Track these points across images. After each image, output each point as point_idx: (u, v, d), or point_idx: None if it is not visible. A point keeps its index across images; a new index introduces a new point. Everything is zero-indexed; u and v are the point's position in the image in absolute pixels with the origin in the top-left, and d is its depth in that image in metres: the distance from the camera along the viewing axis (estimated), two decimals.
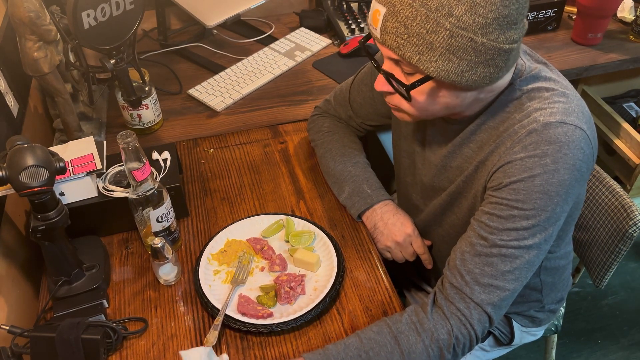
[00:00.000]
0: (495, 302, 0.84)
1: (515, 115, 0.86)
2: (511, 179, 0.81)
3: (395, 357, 0.83)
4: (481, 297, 0.83)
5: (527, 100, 0.85)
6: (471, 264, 0.84)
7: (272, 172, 1.27)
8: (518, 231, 0.82)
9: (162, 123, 1.43)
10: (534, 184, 0.80)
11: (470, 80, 0.78)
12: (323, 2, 1.80)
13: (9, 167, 0.83)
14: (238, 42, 1.73)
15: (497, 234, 0.83)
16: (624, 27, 1.74)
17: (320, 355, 0.84)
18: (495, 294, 0.83)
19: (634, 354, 1.84)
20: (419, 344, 0.83)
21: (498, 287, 0.83)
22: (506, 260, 0.83)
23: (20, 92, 1.25)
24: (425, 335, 0.84)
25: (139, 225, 1.04)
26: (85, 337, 0.87)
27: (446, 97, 0.82)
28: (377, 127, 1.23)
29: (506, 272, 0.83)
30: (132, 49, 1.23)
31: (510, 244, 0.82)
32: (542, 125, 0.80)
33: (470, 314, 0.84)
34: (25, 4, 1.07)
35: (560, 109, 0.82)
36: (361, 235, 1.12)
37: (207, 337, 0.91)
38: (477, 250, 0.84)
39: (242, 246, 1.08)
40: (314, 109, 1.30)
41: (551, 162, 0.79)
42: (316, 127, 1.25)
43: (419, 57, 0.76)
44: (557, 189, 0.80)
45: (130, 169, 0.94)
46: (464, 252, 0.86)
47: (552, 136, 0.80)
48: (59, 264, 0.96)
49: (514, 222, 0.82)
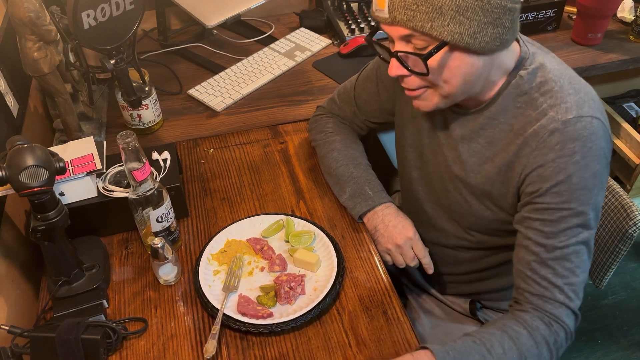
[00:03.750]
0: (573, 297, 0.87)
1: (529, 112, 0.88)
2: (550, 183, 0.84)
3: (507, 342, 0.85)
4: (561, 298, 0.87)
5: (539, 95, 0.88)
6: (542, 272, 0.87)
7: (272, 172, 1.27)
8: (572, 229, 0.85)
9: (162, 123, 1.43)
10: (572, 182, 0.83)
11: (482, 41, 0.80)
12: (323, 2, 1.80)
13: (9, 167, 0.83)
14: (238, 42, 1.73)
15: (554, 237, 0.86)
16: (624, 27, 1.74)
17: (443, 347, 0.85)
18: (571, 291, 0.87)
19: (634, 353, 1.83)
20: (524, 332, 0.86)
21: (571, 283, 0.87)
22: (570, 257, 0.86)
23: (20, 92, 1.25)
24: (528, 325, 0.87)
25: (139, 225, 1.04)
26: (85, 337, 0.87)
27: (463, 65, 0.83)
28: (380, 124, 1.23)
29: (574, 267, 0.86)
30: (132, 49, 1.23)
31: (569, 243, 0.85)
32: (562, 124, 0.83)
33: (559, 313, 0.87)
34: (25, 4, 1.07)
35: (573, 102, 0.85)
36: (361, 236, 1.12)
37: (206, 347, 0.91)
38: (541, 257, 0.87)
39: (242, 246, 1.08)
40: (317, 108, 1.30)
41: (581, 158, 0.83)
42: (319, 127, 1.25)
43: (431, 24, 0.78)
44: (593, 180, 0.84)
45: (130, 169, 0.94)
46: (530, 262, 0.88)
47: (574, 133, 0.83)
48: (59, 264, 0.96)
49: (566, 222, 0.85)
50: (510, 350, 0.85)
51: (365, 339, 0.94)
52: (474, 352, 0.85)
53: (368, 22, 1.73)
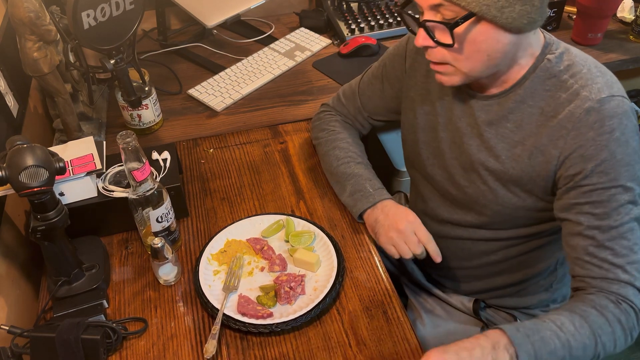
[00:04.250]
0: (637, 275, 0.86)
1: (559, 94, 0.89)
2: (594, 162, 0.84)
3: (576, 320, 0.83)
4: (626, 277, 0.85)
5: (568, 77, 0.89)
6: (601, 254, 0.86)
7: (272, 172, 1.27)
8: (624, 206, 0.85)
9: (162, 123, 1.43)
10: (616, 159, 0.84)
11: (509, 17, 0.81)
12: (323, 2, 1.80)
13: (9, 167, 0.83)
14: (238, 42, 1.73)
15: (607, 217, 0.85)
16: (624, 27, 1.74)
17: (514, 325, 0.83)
18: (634, 269, 0.86)
19: (634, 353, 1.83)
20: (593, 311, 0.84)
21: (633, 261, 0.85)
22: (627, 235, 0.85)
23: (20, 92, 1.24)
24: (596, 305, 0.85)
25: (139, 225, 1.04)
26: (85, 337, 0.87)
27: (488, 40, 0.84)
28: (384, 122, 1.23)
29: (632, 245, 0.86)
30: (132, 49, 1.23)
31: (624, 220, 0.85)
32: (597, 102, 0.84)
33: (626, 292, 0.85)
34: (25, 4, 1.07)
35: (603, 83, 0.86)
36: (361, 236, 1.12)
37: (206, 347, 0.91)
38: (598, 240, 0.86)
39: (242, 246, 1.08)
40: (321, 105, 1.29)
41: (620, 134, 0.84)
42: (321, 124, 1.25)
43: None
44: (634, 156, 0.85)
45: (130, 169, 0.94)
46: (587, 247, 0.87)
47: (610, 110, 0.84)
48: (59, 264, 0.96)
49: (616, 201, 0.85)
50: (582, 327, 0.83)
51: (365, 339, 0.94)
52: (544, 329, 0.83)
53: (368, 22, 1.73)
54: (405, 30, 1.71)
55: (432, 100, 1.06)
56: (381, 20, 1.73)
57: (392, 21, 1.72)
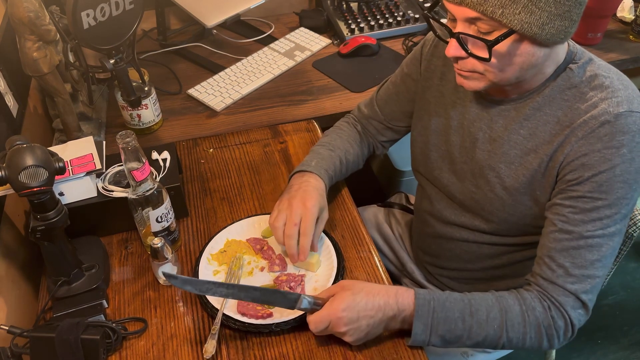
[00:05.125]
0: (588, 290, 0.87)
1: (578, 106, 0.88)
2: (592, 172, 0.84)
3: (494, 311, 0.87)
4: (574, 287, 0.86)
5: (589, 89, 0.88)
6: (560, 259, 0.87)
7: (271, 172, 1.27)
8: (602, 220, 0.85)
9: (161, 123, 1.43)
10: (615, 174, 0.83)
11: (549, 33, 0.80)
12: (323, 2, 1.80)
13: (9, 167, 0.83)
14: (238, 42, 1.73)
15: (582, 225, 0.85)
16: (624, 27, 1.74)
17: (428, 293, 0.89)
18: (587, 283, 0.86)
19: (634, 353, 1.84)
20: (517, 307, 0.87)
21: (589, 275, 0.86)
22: (593, 249, 0.86)
23: (19, 92, 1.24)
24: (524, 303, 0.88)
25: (139, 225, 1.04)
26: (84, 338, 0.87)
27: (524, 55, 0.83)
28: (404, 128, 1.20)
29: (595, 260, 0.86)
30: (132, 49, 1.23)
31: (596, 234, 0.85)
32: (613, 117, 0.83)
33: (565, 301, 0.87)
34: (25, 4, 1.07)
35: (624, 97, 0.85)
36: (361, 236, 1.12)
37: (206, 347, 0.91)
38: (564, 244, 0.87)
39: (241, 246, 1.08)
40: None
41: (628, 151, 0.83)
42: (335, 124, 1.26)
43: (502, 10, 0.77)
44: (635, 176, 0.84)
45: (129, 169, 0.94)
46: (550, 249, 0.88)
47: (624, 126, 0.83)
48: (59, 264, 0.96)
49: (597, 212, 0.85)
50: (493, 320, 0.86)
51: None
52: (455, 310, 0.86)
53: (368, 22, 1.73)
54: (403, 30, 1.72)
55: (445, 103, 1.05)
56: (381, 20, 1.73)
57: (392, 21, 1.72)
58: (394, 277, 1.33)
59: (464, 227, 1.09)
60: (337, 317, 0.86)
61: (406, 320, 0.88)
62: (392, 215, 1.40)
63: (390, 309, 0.87)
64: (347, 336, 0.88)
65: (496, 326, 0.86)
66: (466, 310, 0.87)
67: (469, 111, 1.00)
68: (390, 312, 0.87)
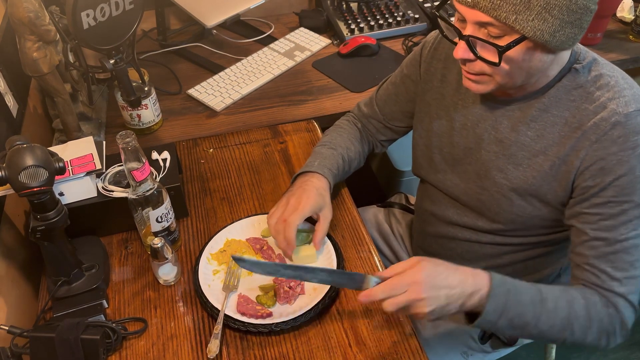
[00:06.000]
0: (634, 290, 0.87)
1: (585, 106, 0.88)
2: (613, 176, 0.84)
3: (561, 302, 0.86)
4: (621, 290, 0.87)
5: (595, 89, 0.88)
6: (601, 265, 0.87)
7: (271, 172, 1.27)
8: (632, 222, 0.85)
9: (161, 123, 1.43)
10: (635, 175, 0.84)
11: (559, 40, 0.80)
12: (323, 2, 1.80)
13: (9, 167, 0.83)
14: (237, 42, 1.73)
15: (614, 230, 0.86)
16: (624, 27, 1.74)
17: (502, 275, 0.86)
18: (631, 284, 0.87)
19: (634, 353, 1.83)
20: (581, 301, 0.87)
21: (632, 276, 0.87)
22: (630, 251, 0.86)
23: (19, 92, 1.24)
24: (587, 297, 0.87)
25: (139, 225, 1.04)
26: (84, 338, 0.87)
27: (533, 60, 0.83)
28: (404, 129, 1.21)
29: (634, 261, 0.86)
30: (132, 49, 1.23)
31: (630, 236, 0.86)
32: (624, 117, 0.84)
33: (616, 301, 0.87)
34: (25, 4, 1.07)
35: (631, 96, 0.85)
36: (361, 235, 1.12)
37: (210, 347, 0.91)
38: (601, 251, 0.87)
39: (241, 246, 1.08)
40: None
41: None
42: (335, 123, 1.26)
43: (516, 16, 0.77)
44: None
45: (129, 169, 0.94)
46: (589, 257, 0.88)
47: (636, 126, 0.83)
48: (59, 264, 0.96)
49: (626, 215, 0.85)
50: (561, 310, 0.85)
51: (365, 339, 0.94)
52: (526, 294, 0.85)
53: (367, 22, 1.73)
54: (403, 30, 1.72)
55: (446, 105, 1.05)
56: (381, 20, 1.73)
57: (392, 21, 1.72)
58: None
59: (467, 227, 1.08)
60: (418, 282, 0.81)
61: (482, 299, 0.84)
62: (392, 215, 1.40)
63: (469, 285, 0.84)
64: (424, 306, 0.81)
65: (562, 317, 0.85)
66: (536, 297, 0.86)
67: (472, 112, 1.00)
68: (469, 288, 0.83)
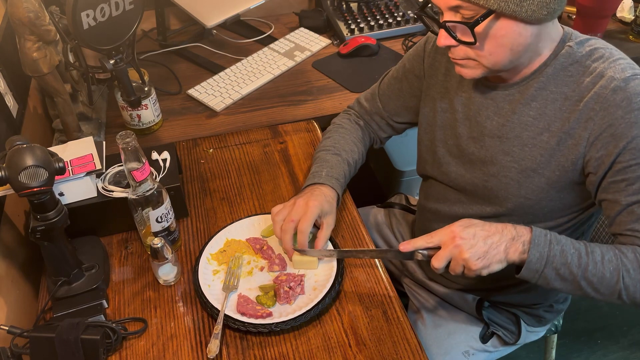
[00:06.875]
0: None
1: (583, 79, 0.89)
2: (626, 140, 0.85)
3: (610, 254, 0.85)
4: None
5: (591, 62, 0.90)
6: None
7: (271, 172, 1.27)
8: None
9: (161, 123, 1.43)
10: None
11: (529, 9, 0.82)
12: (322, 2, 1.80)
13: (9, 167, 0.83)
14: (237, 42, 1.73)
15: None
16: (624, 27, 1.74)
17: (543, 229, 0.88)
18: None
19: (634, 353, 1.84)
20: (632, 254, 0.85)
21: None
22: None
23: (19, 93, 1.24)
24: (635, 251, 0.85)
25: (139, 225, 1.04)
26: (84, 338, 0.87)
27: (510, 35, 0.85)
28: (406, 125, 1.22)
29: None
30: (132, 49, 1.23)
31: None
32: (622, 81, 0.85)
33: None
34: (25, 4, 1.07)
35: (626, 63, 0.88)
36: (361, 235, 1.12)
37: (210, 347, 0.91)
38: (638, 213, 0.86)
39: (241, 246, 1.08)
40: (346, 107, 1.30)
41: None
42: (334, 120, 1.26)
43: None
44: None
45: (129, 169, 0.94)
46: (628, 223, 0.87)
47: (636, 88, 0.85)
48: (59, 264, 0.96)
49: None
50: (609, 262, 0.85)
51: (365, 339, 0.94)
52: (571, 246, 0.86)
53: (367, 22, 1.73)
54: (403, 30, 1.72)
55: (450, 97, 1.06)
56: (381, 20, 1.73)
57: (392, 21, 1.72)
58: (394, 277, 1.33)
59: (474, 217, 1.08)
60: (453, 231, 0.87)
61: (525, 245, 0.86)
62: (393, 215, 1.40)
63: (509, 231, 0.86)
64: (464, 252, 0.86)
65: (612, 269, 0.85)
66: (582, 249, 0.86)
67: (473, 101, 1.01)
68: (508, 234, 0.86)
